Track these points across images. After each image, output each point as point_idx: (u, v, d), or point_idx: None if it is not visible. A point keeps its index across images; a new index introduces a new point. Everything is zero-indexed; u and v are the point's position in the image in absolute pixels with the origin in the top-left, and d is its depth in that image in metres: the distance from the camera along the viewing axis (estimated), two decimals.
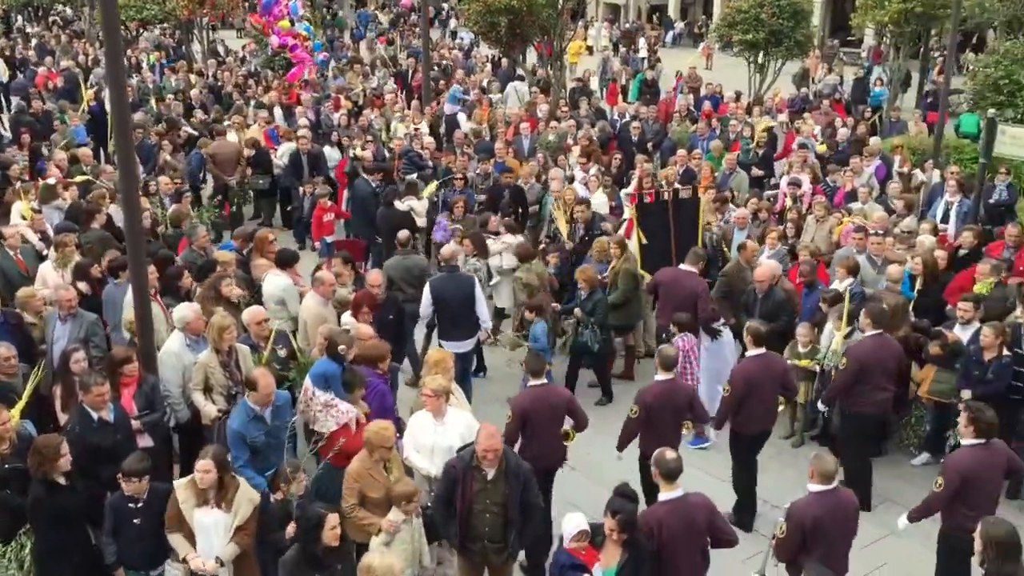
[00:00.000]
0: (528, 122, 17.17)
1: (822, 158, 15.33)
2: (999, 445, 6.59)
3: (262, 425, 7.01)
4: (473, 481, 6.25)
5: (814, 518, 5.88)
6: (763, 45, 21.23)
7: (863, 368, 8.11)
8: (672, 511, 5.87)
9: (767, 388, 7.96)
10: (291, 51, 22.42)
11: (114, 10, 7.16)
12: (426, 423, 7.16)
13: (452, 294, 9.62)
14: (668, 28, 43.08)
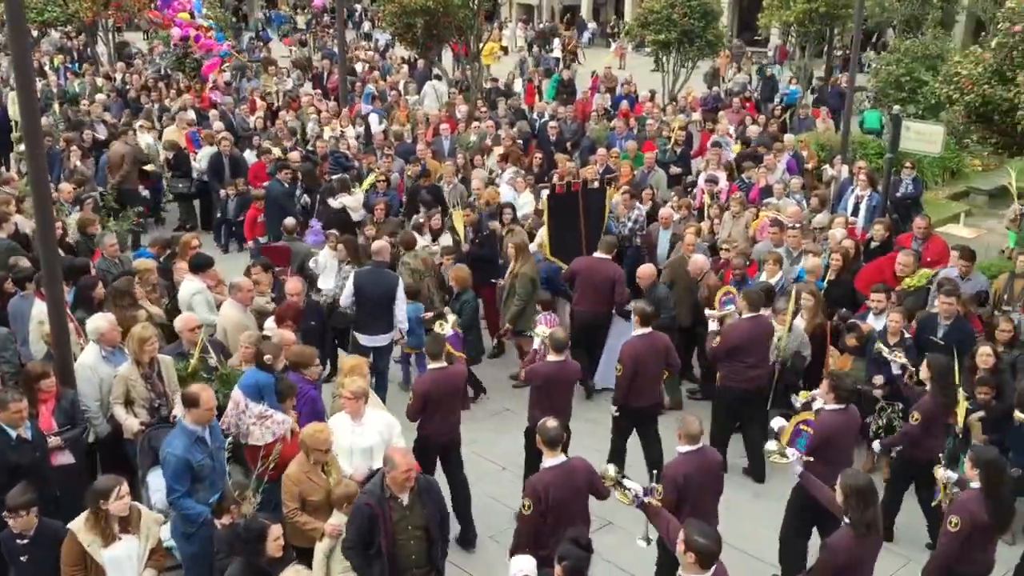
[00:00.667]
0: (447, 123, 17.16)
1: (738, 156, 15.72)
2: (854, 410, 7.35)
3: (204, 447, 6.54)
4: (392, 512, 5.96)
5: (684, 476, 6.40)
6: (675, 45, 21.64)
7: (738, 347, 8.71)
8: (557, 476, 6.24)
9: (652, 364, 8.48)
10: (195, 41, 21.97)
11: (20, 11, 6.91)
12: (344, 425, 7.14)
13: (373, 288, 9.73)
14: (582, 29, 43.51)
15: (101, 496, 5.71)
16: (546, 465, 6.32)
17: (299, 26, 40.21)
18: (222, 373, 7.92)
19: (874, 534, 5.67)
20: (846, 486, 5.69)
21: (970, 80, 11.77)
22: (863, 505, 5.60)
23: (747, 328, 8.79)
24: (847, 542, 5.60)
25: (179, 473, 6.37)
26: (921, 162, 15.74)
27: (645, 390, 8.51)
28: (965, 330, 8.96)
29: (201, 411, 6.50)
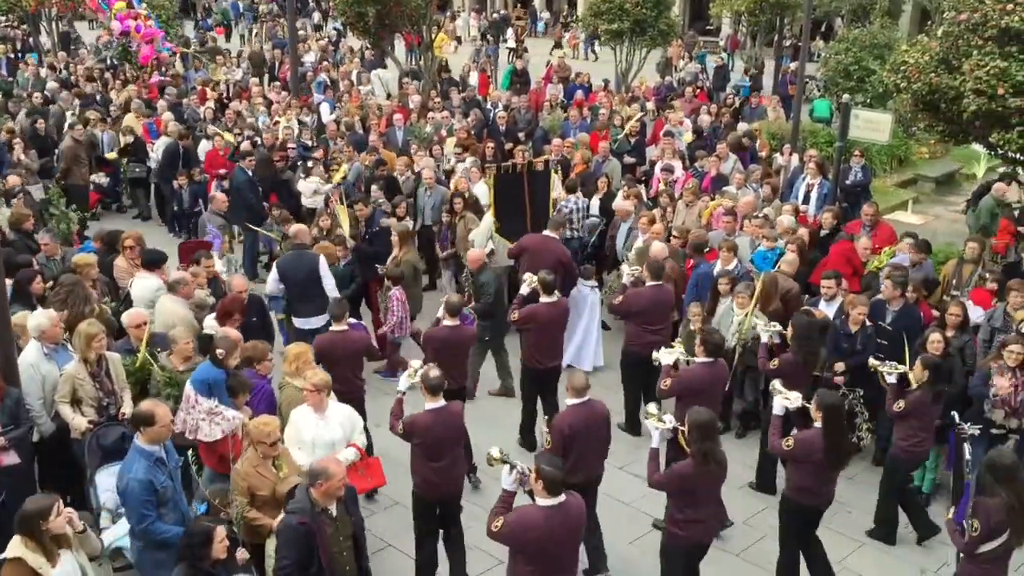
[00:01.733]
0: (400, 113, 17.03)
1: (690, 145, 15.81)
2: (722, 364, 8.03)
3: (164, 468, 6.18)
4: (325, 527, 5.75)
5: (570, 426, 6.95)
6: (628, 34, 21.68)
7: (640, 312, 9.37)
8: (436, 416, 6.90)
9: (555, 326, 9.30)
10: (136, 32, 21.57)
11: None
12: (307, 417, 7.05)
13: (296, 271, 9.85)
14: (534, 18, 43.48)
15: (41, 517, 5.32)
16: (429, 407, 6.93)
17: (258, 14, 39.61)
18: (168, 375, 7.74)
19: (711, 463, 6.34)
20: (691, 421, 6.40)
21: (917, 69, 11.91)
22: (702, 437, 6.30)
23: (649, 295, 9.44)
24: (688, 468, 6.38)
25: (145, 498, 6.01)
26: (870, 150, 15.96)
27: (548, 351, 9.25)
28: (913, 316, 9.11)
29: (157, 428, 6.15)
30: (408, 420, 6.95)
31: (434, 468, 6.93)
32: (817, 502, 7.00)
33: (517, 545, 5.74)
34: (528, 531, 5.62)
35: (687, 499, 6.45)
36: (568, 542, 5.81)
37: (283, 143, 15.16)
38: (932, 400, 7.74)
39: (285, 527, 5.73)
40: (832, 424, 6.70)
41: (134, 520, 6.11)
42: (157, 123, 16.57)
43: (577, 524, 5.81)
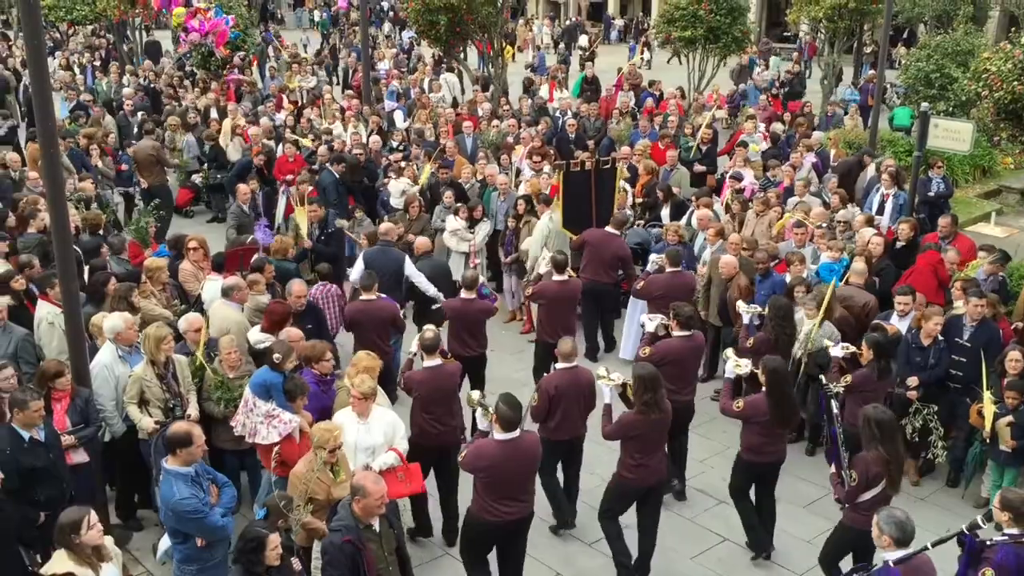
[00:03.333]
0: (470, 120, 17.08)
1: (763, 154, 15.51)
2: (698, 336, 8.47)
3: (199, 486, 6.20)
4: (369, 543, 5.78)
5: (556, 387, 7.64)
6: (702, 41, 21.41)
7: (661, 296, 9.73)
8: (431, 373, 7.67)
9: (564, 304, 10.07)
10: (200, 31, 22.05)
11: (37, 12, 6.89)
12: (349, 421, 7.09)
13: (382, 266, 10.17)
14: (608, 25, 43.30)
15: (72, 530, 5.39)
16: (427, 365, 7.72)
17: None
18: (219, 379, 7.86)
19: (654, 412, 7.01)
20: (635, 375, 7.11)
21: (999, 77, 11.51)
22: (644, 390, 6.98)
23: (665, 281, 9.98)
24: (633, 417, 7.08)
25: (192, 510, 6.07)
26: (951, 160, 15.46)
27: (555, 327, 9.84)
28: (992, 332, 8.77)
29: (192, 450, 6.17)
30: (407, 375, 7.81)
31: (427, 418, 7.63)
32: (766, 460, 7.56)
33: (474, 471, 6.57)
34: (481, 459, 6.49)
35: (636, 445, 7.12)
36: (519, 472, 6.57)
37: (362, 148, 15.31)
38: (878, 376, 8.02)
39: (330, 545, 5.71)
40: (775, 386, 7.25)
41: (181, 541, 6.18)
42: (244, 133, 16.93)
43: (529, 457, 6.61)
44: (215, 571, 6.32)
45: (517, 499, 6.62)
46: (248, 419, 7.21)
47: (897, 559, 5.31)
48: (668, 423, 7.23)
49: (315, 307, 9.44)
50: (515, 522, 6.67)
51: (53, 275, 8.31)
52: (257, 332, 8.46)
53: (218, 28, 21.95)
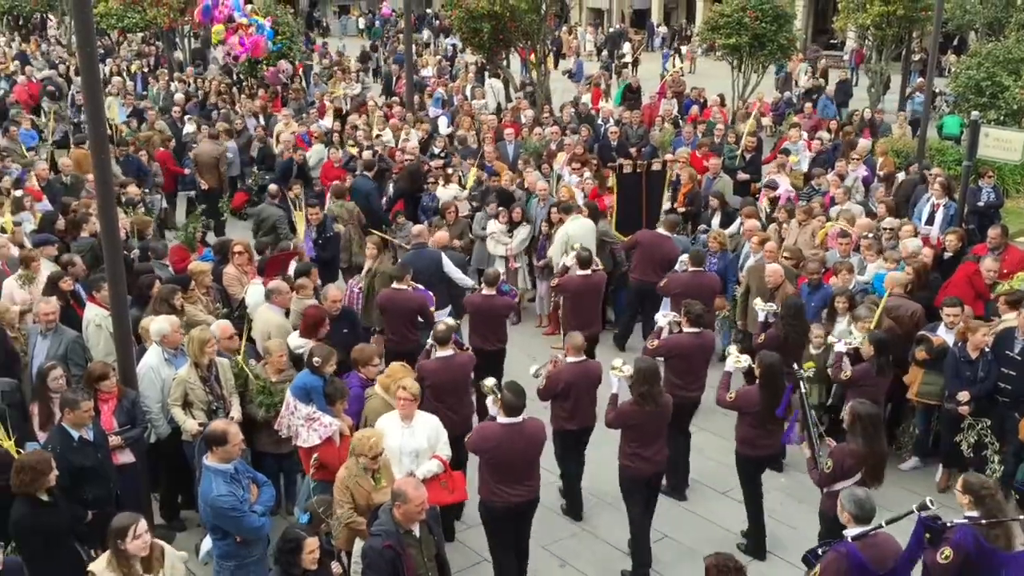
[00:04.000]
0: (512, 127, 17.11)
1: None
2: (707, 335, 8.70)
3: (238, 484, 6.28)
4: (409, 549, 5.78)
5: (566, 381, 8.01)
6: (746, 49, 21.25)
7: (682, 294, 9.73)
8: (443, 364, 8.02)
9: (588, 297, 10.38)
10: (241, 46, 22.32)
11: (89, 19, 7.04)
12: (393, 425, 7.09)
13: (422, 267, 10.36)
14: (651, 33, 43.14)
15: (118, 536, 5.40)
16: (439, 355, 8.07)
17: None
18: (262, 384, 7.93)
19: (649, 404, 7.26)
20: (635, 368, 7.38)
21: None
22: (641, 382, 7.26)
23: (686, 279, 10.18)
24: (630, 407, 7.36)
25: (231, 507, 6.16)
26: (1002, 170, 15.16)
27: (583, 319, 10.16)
28: None
29: (229, 448, 6.26)
30: (420, 364, 8.11)
31: (438, 407, 7.79)
32: (761, 453, 7.78)
33: (479, 452, 6.91)
34: (486, 440, 6.82)
35: (633, 435, 7.41)
36: (522, 455, 6.84)
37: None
38: (877, 372, 8.23)
39: (370, 550, 5.72)
40: (768, 379, 7.52)
41: (220, 536, 6.24)
42: (309, 133, 17.14)
43: (532, 442, 6.89)
44: (253, 568, 6.38)
45: (522, 483, 6.88)
46: (291, 421, 7.28)
47: (855, 535, 5.57)
48: (666, 416, 7.49)
49: (350, 311, 9.53)
50: (520, 504, 6.94)
51: (101, 278, 8.46)
52: (296, 337, 8.53)
53: (259, 46, 22.25)
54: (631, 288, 11.56)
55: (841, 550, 5.56)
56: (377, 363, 8.00)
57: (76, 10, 7.08)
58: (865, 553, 5.49)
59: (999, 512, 5.68)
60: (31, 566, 6.11)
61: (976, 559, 5.53)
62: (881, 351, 8.27)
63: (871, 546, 5.53)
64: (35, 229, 11.43)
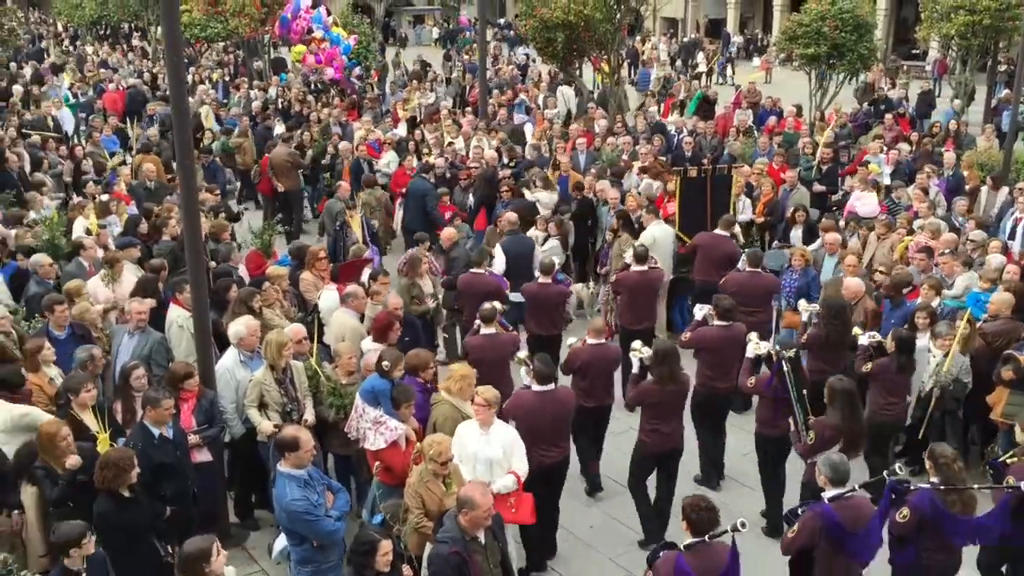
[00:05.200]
0: (585, 137, 17.09)
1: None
2: (738, 327, 8.75)
3: (312, 488, 6.36)
4: (475, 555, 5.77)
5: (584, 361, 8.47)
6: (825, 59, 20.87)
7: (736, 293, 9.81)
8: (487, 340, 8.62)
9: (644, 292, 10.61)
10: (317, 62, 22.73)
11: (177, 29, 7.26)
12: (472, 432, 7.09)
13: (518, 250, 11.33)
14: (726, 42, 42.70)
15: (203, 559, 5.37)
16: (482, 332, 8.69)
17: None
18: (332, 385, 8.03)
19: (669, 383, 7.76)
20: (654, 349, 7.84)
21: None
22: (660, 362, 7.73)
23: (742, 279, 10.38)
24: (649, 386, 7.85)
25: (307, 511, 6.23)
26: None
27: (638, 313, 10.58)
28: None
29: (300, 454, 6.33)
30: (466, 341, 8.91)
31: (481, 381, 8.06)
32: (776, 433, 7.98)
33: (514, 419, 7.44)
34: (520, 407, 7.49)
35: (652, 412, 7.89)
36: (552, 420, 7.46)
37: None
38: (897, 370, 8.39)
39: (437, 556, 5.74)
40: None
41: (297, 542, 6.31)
42: (379, 141, 17.43)
43: (562, 408, 7.57)
44: (330, 573, 6.46)
45: (554, 445, 7.53)
46: (359, 424, 7.37)
47: (831, 496, 6.01)
48: (683, 395, 7.98)
49: (412, 318, 9.59)
50: (552, 466, 7.50)
51: (184, 280, 8.68)
52: (368, 342, 8.62)
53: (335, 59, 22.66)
54: (695, 288, 11.76)
55: (817, 510, 5.99)
56: (433, 367, 8.07)
57: (165, 20, 7.29)
58: (840, 513, 5.91)
59: (956, 480, 6.18)
60: (114, 560, 6.25)
61: (931, 520, 6.07)
62: (902, 349, 8.40)
63: (846, 507, 5.95)
64: (121, 232, 11.81)
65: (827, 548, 5.96)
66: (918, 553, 6.22)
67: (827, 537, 5.93)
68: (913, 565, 6.28)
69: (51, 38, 42.61)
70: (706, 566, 5.42)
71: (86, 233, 11.43)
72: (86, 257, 10.40)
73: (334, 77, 22.77)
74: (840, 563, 6.00)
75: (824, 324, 9.11)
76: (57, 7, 46.19)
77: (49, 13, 51.44)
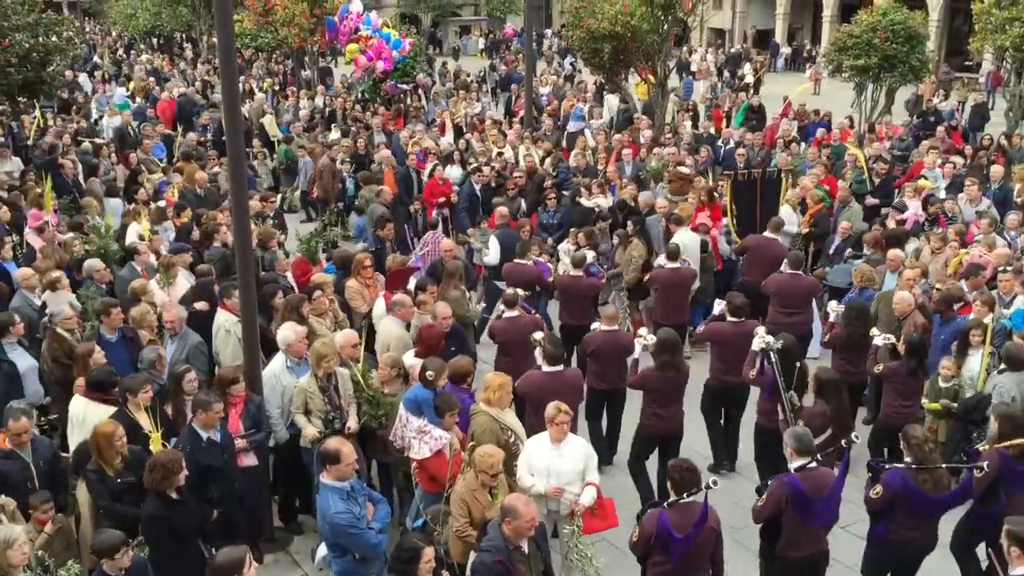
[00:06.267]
0: (630, 148, 17.04)
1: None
2: (749, 323, 8.99)
3: (355, 500, 6.37)
4: (518, 565, 5.79)
5: (596, 347, 9.02)
6: (875, 70, 20.60)
7: (776, 294, 10.62)
8: (510, 323, 9.26)
9: (677, 289, 11.11)
10: (367, 59, 22.88)
11: (231, 39, 7.36)
12: (543, 446, 7.04)
13: (508, 243, 11.96)
14: (775, 53, 42.36)
15: (236, 570, 5.39)
16: (505, 315, 9.39)
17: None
18: (370, 394, 8.02)
19: (670, 370, 8.26)
20: (659, 340, 8.30)
21: None
22: (661, 351, 8.23)
23: (782, 280, 10.68)
24: (652, 373, 8.35)
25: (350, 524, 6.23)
26: None
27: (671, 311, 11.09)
28: None
29: (341, 467, 6.32)
30: (491, 324, 9.66)
31: (505, 361, 9.01)
32: (773, 424, 8.21)
33: (525, 395, 8.06)
34: (531, 385, 8.03)
35: (653, 397, 8.39)
36: (561, 399, 7.45)
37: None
38: (908, 373, 8.65)
39: (480, 565, 5.76)
40: (784, 357, 8.18)
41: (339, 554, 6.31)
42: (423, 151, 17.44)
43: (571, 387, 8.05)
44: None
45: None
46: (403, 433, 7.38)
47: (797, 467, 6.51)
48: (683, 383, 8.43)
49: (459, 329, 9.56)
50: None
51: (233, 285, 8.79)
52: (411, 356, 8.56)
53: (383, 51, 22.82)
54: (745, 289, 11.75)
55: (784, 479, 6.51)
56: (473, 375, 8.10)
57: (219, 30, 7.41)
58: (804, 483, 6.40)
59: (928, 460, 6.70)
60: (160, 561, 6.36)
61: (902, 496, 6.61)
62: (913, 353, 8.65)
63: (809, 477, 6.44)
64: (175, 238, 12.00)
65: (793, 514, 6.45)
66: (892, 529, 6.75)
67: (793, 504, 6.41)
68: (886, 540, 6.80)
69: (105, 47, 43.48)
70: (683, 520, 6.03)
71: (139, 239, 11.62)
72: (139, 262, 10.59)
73: (385, 69, 22.92)
74: (804, 528, 6.51)
75: (845, 325, 9.39)
76: (112, 17, 47.25)
77: (104, 22, 52.57)
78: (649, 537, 6.08)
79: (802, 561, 6.60)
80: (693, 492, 6.06)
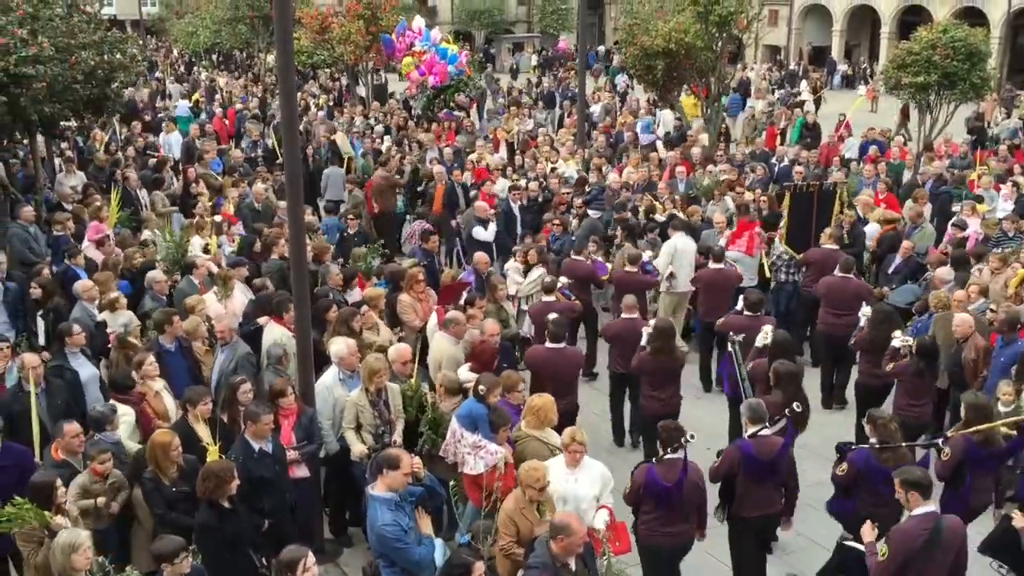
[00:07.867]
0: (683, 165, 16.95)
1: None
2: (766, 319, 9.89)
3: (403, 512, 6.31)
4: None
5: (615, 333, 9.98)
6: (935, 88, 20.24)
7: (826, 295, 11.14)
8: (545, 306, 10.25)
9: (720, 289, 11.68)
10: (420, 74, 23.08)
11: (290, 56, 7.48)
12: (559, 471, 6.97)
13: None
14: (831, 71, 41.88)
15: (289, 569, 5.52)
16: (543, 299, 10.47)
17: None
18: (431, 417, 8.04)
19: (663, 355, 9.02)
20: (655, 327, 9.06)
21: None
22: (656, 338, 8.97)
23: (832, 283, 11.07)
24: (645, 356, 9.10)
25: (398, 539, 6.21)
26: None
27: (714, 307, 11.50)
28: None
29: (398, 475, 6.26)
30: (530, 307, 10.90)
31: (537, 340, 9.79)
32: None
33: (530, 367, 9.11)
34: (535, 359, 9.04)
35: (649, 380, 9.23)
36: (561, 371, 8.93)
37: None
38: (915, 373, 8.93)
39: None
40: (777, 350, 8.81)
41: (388, 564, 6.30)
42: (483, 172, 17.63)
43: (570, 363, 9.12)
44: None
45: (563, 398, 8.44)
46: (456, 449, 7.39)
47: (750, 433, 7.29)
48: (677, 368, 9.29)
49: (506, 346, 9.58)
50: (563, 414, 8.13)
51: (288, 299, 8.91)
52: (466, 371, 8.60)
53: (435, 66, 23.05)
54: (806, 298, 12.31)
55: (737, 444, 7.37)
56: (522, 388, 8.10)
57: (279, 47, 7.54)
58: (755, 448, 7.19)
59: (891, 439, 7.23)
60: (212, 570, 6.41)
61: (865, 473, 7.21)
62: (923, 355, 8.93)
63: (760, 443, 7.22)
64: (234, 251, 12.22)
65: (744, 475, 7.23)
66: (860, 505, 7.25)
67: (744, 466, 7.20)
68: (855, 516, 7.19)
69: (167, 65, 44.57)
70: (668, 473, 6.83)
71: (204, 251, 11.86)
72: (197, 275, 10.79)
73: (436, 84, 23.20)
74: (755, 488, 7.28)
75: (870, 329, 9.74)
76: (174, 34, 48.44)
77: (166, 40, 53.90)
78: (639, 488, 6.93)
79: (754, 520, 7.40)
80: (676, 448, 6.85)
